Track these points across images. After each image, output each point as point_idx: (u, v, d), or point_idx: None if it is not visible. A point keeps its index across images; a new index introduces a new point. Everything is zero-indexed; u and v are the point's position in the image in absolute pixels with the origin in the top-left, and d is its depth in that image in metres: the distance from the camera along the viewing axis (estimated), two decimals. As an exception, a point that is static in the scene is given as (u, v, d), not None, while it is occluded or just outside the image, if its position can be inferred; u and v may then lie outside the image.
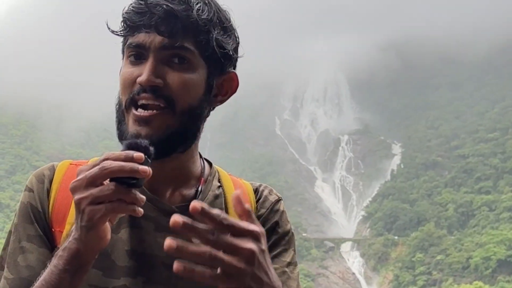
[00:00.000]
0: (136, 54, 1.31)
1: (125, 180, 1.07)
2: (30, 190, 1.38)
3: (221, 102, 1.42)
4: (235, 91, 1.42)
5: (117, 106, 1.34)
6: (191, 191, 1.40)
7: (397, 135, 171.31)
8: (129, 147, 1.11)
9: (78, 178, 1.11)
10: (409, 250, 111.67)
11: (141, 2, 1.29)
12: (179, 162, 1.33)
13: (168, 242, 0.94)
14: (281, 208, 1.50)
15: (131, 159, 1.07)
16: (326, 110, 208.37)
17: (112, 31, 1.33)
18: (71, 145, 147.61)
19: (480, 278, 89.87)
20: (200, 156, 1.45)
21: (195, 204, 0.95)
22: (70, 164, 1.43)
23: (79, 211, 1.11)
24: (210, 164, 1.48)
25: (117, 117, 1.34)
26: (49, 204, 1.36)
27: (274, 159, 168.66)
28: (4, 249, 1.37)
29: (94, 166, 1.10)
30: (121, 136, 1.31)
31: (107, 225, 1.14)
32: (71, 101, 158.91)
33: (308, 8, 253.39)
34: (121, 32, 1.33)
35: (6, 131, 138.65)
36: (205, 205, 0.96)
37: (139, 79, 1.28)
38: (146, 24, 1.29)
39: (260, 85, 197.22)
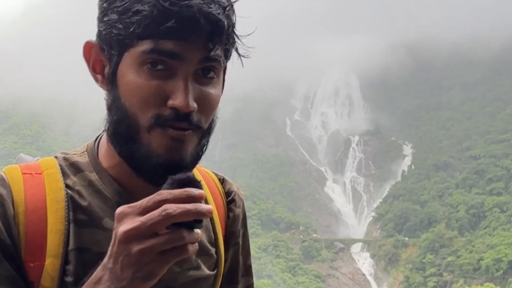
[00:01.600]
0: (153, 62, 1.07)
1: (186, 223, 0.94)
2: None
3: None
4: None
5: (122, 117, 1.12)
6: None
7: (408, 136, 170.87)
8: (181, 182, 0.96)
9: (132, 226, 0.93)
10: (420, 251, 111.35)
11: (177, 2, 1.04)
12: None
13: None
14: (244, 208, 1.41)
15: (193, 199, 0.93)
16: (337, 111, 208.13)
17: (131, 32, 1.07)
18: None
19: (491, 279, 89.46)
20: None
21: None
22: (23, 173, 1.17)
23: (139, 262, 0.94)
24: None
25: (118, 129, 1.12)
26: (18, 232, 1.11)
27: (285, 160, 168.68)
28: None
29: (147, 209, 0.93)
30: (132, 155, 1.12)
31: None
32: (82, 101, 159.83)
33: (320, 9, 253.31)
34: (142, 31, 1.06)
35: (18, 131, 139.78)
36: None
37: (176, 103, 1.06)
38: (186, 33, 1.05)
39: (270, 86, 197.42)
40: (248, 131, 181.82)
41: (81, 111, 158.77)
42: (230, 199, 1.35)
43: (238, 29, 1.15)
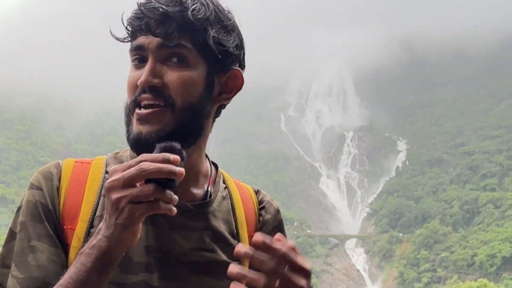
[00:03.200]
0: (139, 58, 1.35)
1: (160, 181, 1.12)
2: (38, 188, 1.37)
3: (227, 99, 1.43)
4: (240, 88, 1.44)
5: (125, 109, 1.37)
6: (201, 190, 1.42)
7: (402, 132, 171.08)
8: (164, 149, 1.15)
9: (115, 177, 1.14)
10: (414, 247, 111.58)
11: (143, 7, 1.33)
12: (188, 161, 1.30)
13: (232, 268, 1.05)
14: (281, 217, 1.57)
15: (167, 161, 1.12)
16: (331, 107, 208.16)
17: (117, 38, 1.37)
18: (76, 141, 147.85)
19: (485, 275, 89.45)
20: (207, 157, 1.48)
21: (258, 237, 1.04)
22: (76, 162, 1.44)
23: (117, 209, 1.13)
24: (216, 166, 1.51)
25: (125, 119, 1.38)
26: (59, 202, 1.37)
27: (279, 156, 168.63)
28: (5, 246, 1.37)
29: (130, 166, 1.14)
30: (128, 136, 1.35)
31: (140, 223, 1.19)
32: (76, 96, 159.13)
33: (314, 5, 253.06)
34: (125, 38, 1.37)
35: (11, 126, 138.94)
36: (267, 238, 1.05)
37: (139, 81, 1.32)
38: (143, 28, 1.33)
39: (265, 81, 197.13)
40: (242, 127, 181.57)
41: (73, 106, 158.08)
42: (261, 207, 1.53)
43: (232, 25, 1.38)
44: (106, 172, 1.41)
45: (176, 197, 1.14)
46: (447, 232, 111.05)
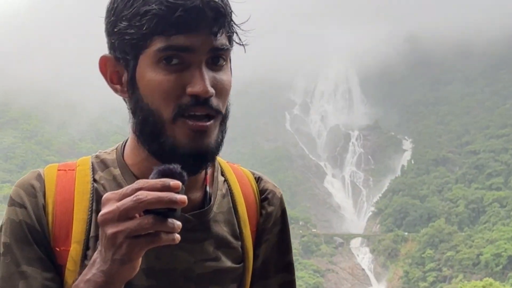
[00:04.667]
0: (168, 58, 1.15)
1: (161, 210, 1.00)
2: (21, 206, 1.23)
3: None
4: None
5: (147, 116, 1.18)
6: (199, 194, 1.30)
7: (407, 130, 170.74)
8: (163, 173, 1.03)
9: (108, 210, 1.02)
10: (419, 246, 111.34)
11: None
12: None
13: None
14: (284, 205, 1.45)
15: (167, 189, 1.00)
16: (337, 106, 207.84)
17: (144, 33, 1.14)
18: (81, 140, 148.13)
19: (490, 274, 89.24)
20: None
21: None
22: (58, 170, 1.28)
23: (113, 244, 1.02)
24: None
25: (144, 129, 1.19)
26: (47, 221, 1.23)
27: (284, 155, 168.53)
28: None
29: (125, 195, 1.01)
30: (162, 150, 1.18)
31: None
32: (81, 95, 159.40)
33: (320, 3, 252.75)
34: (154, 29, 1.13)
35: (16, 125, 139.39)
36: None
37: (195, 90, 1.14)
38: (194, 25, 1.13)
39: (270, 80, 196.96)
40: (247, 126, 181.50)
41: (78, 105, 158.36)
42: (263, 197, 1.40)
43: (237, 19, 1.23)
44: (94, 180, 1.28)
45: (179, 223, 1.03)
46: (453, 231, 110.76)
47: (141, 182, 1.01)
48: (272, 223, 1.39)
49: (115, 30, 1.17)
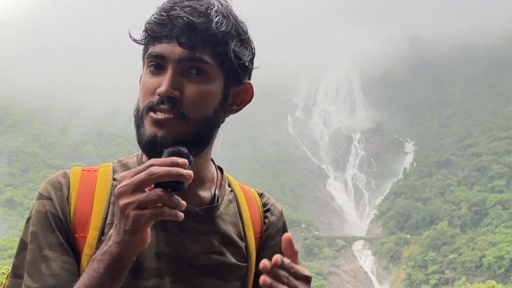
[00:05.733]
0: (156, 64, 1.36)
1: (169, 185, 1.15)
2: (47, 198, 1.40)
3: (236, 111, 1.48)
4: (249, 101, 1.49)
5: (135, 112, 1.40)
6: (208, 194, 1.46)
7: (410, 133, 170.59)
8: (172, 154, 1.20)
9: (124, 183, 1.17)
10: (422, 249, 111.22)
11: (163, 13, 1.35)
12: (195, 166, 1.32)
13: (264, 279, 1.14)
14: (284, 220, 1.63)
15: (176, 165, 1.15)
16: (339, 108, 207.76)
17: (134, 40, 1.40)
18: (84, 143, 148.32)
19: (493, 277, 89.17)
20: (212, 162, 1.51)
21: (277, 258, 1.14)
22: (83, 170, 1.47)
23: (124, 215, 1.17)
24: (221, 170, 1.55)
25: (135, 122, 1.40)
26: (70, 211, 1.40)
27: (286, 157, 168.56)
28: (17, 257, 1.40)
29: (139, 172, 1.16)
30: (140, 139, 1.38)
31: (149, 228, 1.21)
32: (83, 99, 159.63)
33: (320, 5, 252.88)
34: (142, 41, 1.39)
35: (20, 129, 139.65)
36: (285, 260, 1.16)
37: (158, 90, 1.33)
38: (166, 35, 1.34)
39: (272, 83, 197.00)
40: (249, 129, 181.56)
41: (80, 108, 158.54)
42: (266, 209, 1.58)
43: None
44: (114, 179, 1.45)
45: (183, 202, 1.17)
46: (455, 233, 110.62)
47: (153, 160, 1.17)
48: (275, 231, 1.57)
49: None
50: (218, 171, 1.54)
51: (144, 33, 1.38)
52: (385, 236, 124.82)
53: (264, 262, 1.13)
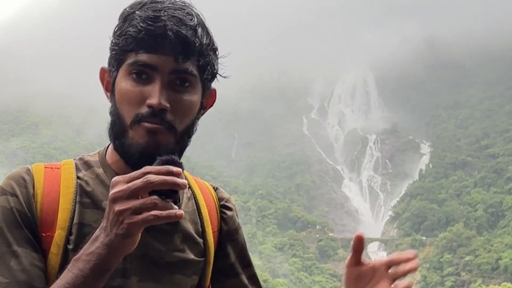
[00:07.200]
0: (138, 73, 1.38)
1: (164, 193, 1.18)
2: (12, 194, 1.41)
3: (202, 115, 1.50)
4: (212, 105, 1.53)
5: (115, 118, 1.42)
6: None
7: (426, 134, 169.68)
8: (166, 162, 1.22)
9: (119, 188, 1.19)
10: (437, 250, 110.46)
11: (149, 22, 1.36)
12: None
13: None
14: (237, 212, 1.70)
15: (171, 174, 1.18)
16: (354, 109, 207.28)
17: (122, 49, 1.40)
18: (100, 144, 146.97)
19: (509, 279, 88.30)
20: None
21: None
22: (45, 167, 1.48)
23: (118, 220, 1.19)
24: None
25: (113, 128, 1.43)
26: (36, 209, 1.41)
27: (301, 159, 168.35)
28: None
29: (134, 178, 1.19)
30: (122, 148, 1.41)
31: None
32: (100, 100, 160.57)
33: (335, 7, 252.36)
34: (128, 47, 1.39)
35: (36, 130, 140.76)
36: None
37: (151, 102, 1.35)
38: (157, 47, 1.35)
39: (287, 84, 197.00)
40: (264, 130, 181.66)
41: (97, 108, 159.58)
42: (222, 204, 1.64)
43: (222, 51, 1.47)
44: (78, 177, 1.47)
45: (180, 211, 1.20)
46: (471, 235, 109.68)
47: (148, 168, 1.19)
48: (237, 225, 1.66)
49: (110, 46, 1.44)
50: None
51: (126, 39, 1.38)
52: (400, 237, 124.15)
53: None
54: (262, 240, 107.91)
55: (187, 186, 1.24)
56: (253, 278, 1.68)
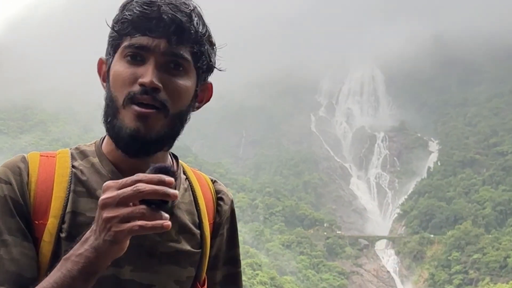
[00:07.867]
0: (133, 55, 1.40)
1: (154, 202, 1.16)
2: (6, 182, 1.41)
3: (197, 108, 1.52)
4: (208, 100, 1.55)
5: (108, 101, 1.42)
6: None
7: (434, 132, 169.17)
8: (159, 170, 1.19)
9: (109, 195, 1.18)
10: (445, 248, 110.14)
11: (145, 7, 1.39)
12: (155, 158, 1.42)
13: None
14: (234, 207, 1.71)
15: (163, 183, 1.16)
16: (362, 107, 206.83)
17: (115, 31, 1.43)
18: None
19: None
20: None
21: None
22: (41, 155, 1.48)
23: (106, 227, 1.18)
24: (176, 158, 1.59)
25: (106, 112, 1.43)
26: (29, 196, 1.41)
27: (309, 156, 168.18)
28: None
29: (125, 185, 1.17)
30: (113, 130, 1.41)
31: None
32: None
33: (344, 4, 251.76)
34: (122, 31, 1.42)
35: (44, 127, 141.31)
36: None
37: (143, 80, 1.37)
38: (152, 29, 1.39)
39: (295, 82, 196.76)
40: (272, 128, 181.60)
41: (103, 105, 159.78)
42: (219, 197, 1.65)
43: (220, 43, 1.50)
44: (73, 166, 1.48)
45: (167, 215, 1.19)
46: (479, 233, 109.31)
47: (140, 175, 1.18)
48: (225, 219, 1.65)
49: (108, 35, 1.46)
50: (174, 159, 1.58)
51: (123, 23, 1.42)
52: (408, 235, 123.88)
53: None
54: (269, 237, 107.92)
55: (178, 197, 1.20)
56: (232, 277, 1.68)
